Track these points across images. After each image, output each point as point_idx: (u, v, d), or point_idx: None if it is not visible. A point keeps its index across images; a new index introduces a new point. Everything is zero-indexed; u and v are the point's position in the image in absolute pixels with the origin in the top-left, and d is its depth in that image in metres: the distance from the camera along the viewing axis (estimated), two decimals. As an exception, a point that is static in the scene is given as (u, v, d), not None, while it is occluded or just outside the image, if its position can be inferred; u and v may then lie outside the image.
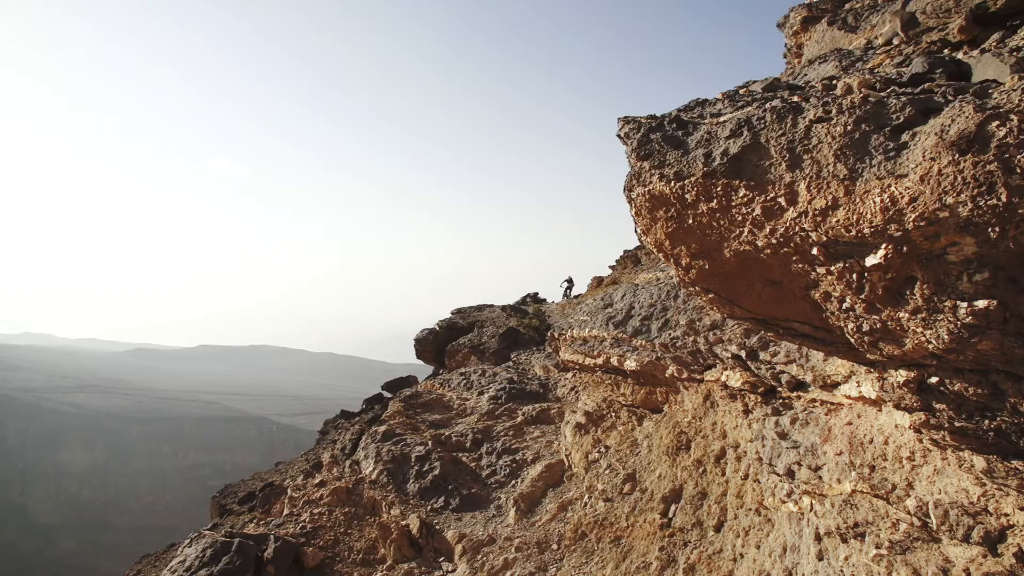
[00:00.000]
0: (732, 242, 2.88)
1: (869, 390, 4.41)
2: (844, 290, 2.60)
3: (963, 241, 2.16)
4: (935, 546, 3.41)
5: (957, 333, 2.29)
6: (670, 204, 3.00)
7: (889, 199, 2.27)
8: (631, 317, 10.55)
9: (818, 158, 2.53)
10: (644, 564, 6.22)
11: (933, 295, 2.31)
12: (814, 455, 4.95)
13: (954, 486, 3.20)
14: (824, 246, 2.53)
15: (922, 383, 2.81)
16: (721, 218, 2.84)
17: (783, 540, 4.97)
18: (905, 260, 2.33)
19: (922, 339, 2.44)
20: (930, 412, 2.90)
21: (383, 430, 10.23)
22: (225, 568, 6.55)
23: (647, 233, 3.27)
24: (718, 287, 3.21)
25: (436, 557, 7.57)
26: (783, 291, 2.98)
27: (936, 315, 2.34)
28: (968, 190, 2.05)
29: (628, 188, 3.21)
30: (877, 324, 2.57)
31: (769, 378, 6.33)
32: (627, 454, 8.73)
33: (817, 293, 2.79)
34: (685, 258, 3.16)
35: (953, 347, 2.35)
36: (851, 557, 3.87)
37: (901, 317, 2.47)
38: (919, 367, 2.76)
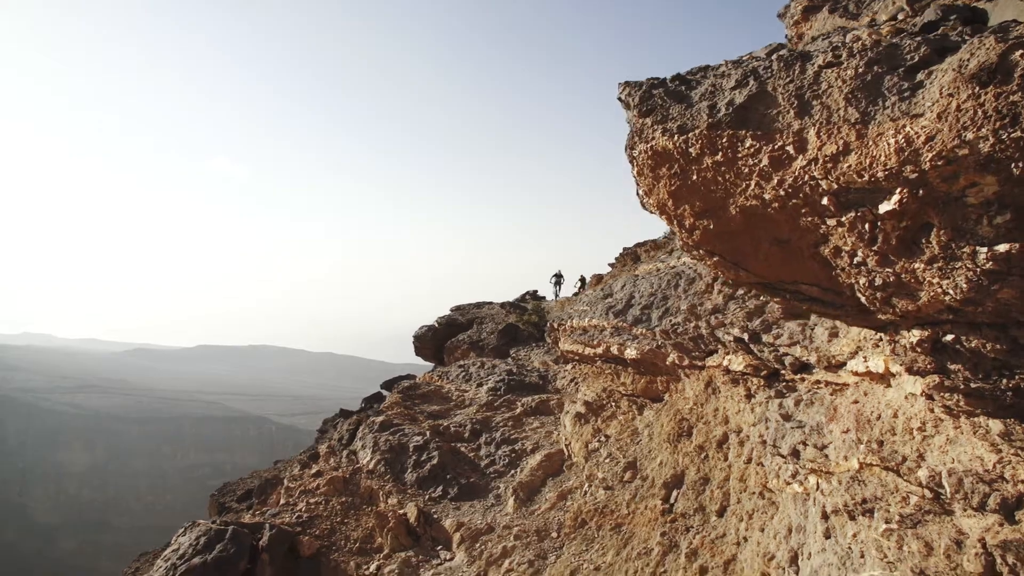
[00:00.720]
0: (738, 197, 2.77)
1: (877, 364, 4.29)
2: (855, 243, 2.48)
3: (983, 181, 2.05)
4: (947, 518, 3.29)
5: (976, 281, 2.18)
6: (673, 160, 2.89)
7: (904, 140, 2.16)
8: (631, 306, 10.44)
9: (828, 103, 2.42)
10: (645, 550, 6.10)
11: (950, 241, 2.20)
12: (819, 434, 4.84)
13: (968, 454, 3.08)
14: (835, 195, 2.41)
15: (936, 343, 2.70)
16: (727, 172, 2.72)
17: (788, 521, 4.85)
18: (921, 205, 2.21)
19: (938, 291, 2.33)
20: (944, 374, 2.78)
21: (380, 420, 10.11)
22: (219, 555, 6.43)
23: (649, 194, 3.15)
24: (723, 249, 3.10)
25: (434, 546, 7.46)
26: (791, 250, 2.86)
27: (953, 263, 2.23)
28: (990, 123, 1.94)
29: (630, 146, 3.10)
30: (890, 277, 2.46)
31: (772, 361, 6.22)
32: (627, 443, 8.61)
33: (827, 249, 2.68)
34: (689, 218, 3.04)
35: (972, 297, 2.23)
36: (859, 534, 3.75)
37: (916, 268, 2.35)
38: (933, 325, 2.64)
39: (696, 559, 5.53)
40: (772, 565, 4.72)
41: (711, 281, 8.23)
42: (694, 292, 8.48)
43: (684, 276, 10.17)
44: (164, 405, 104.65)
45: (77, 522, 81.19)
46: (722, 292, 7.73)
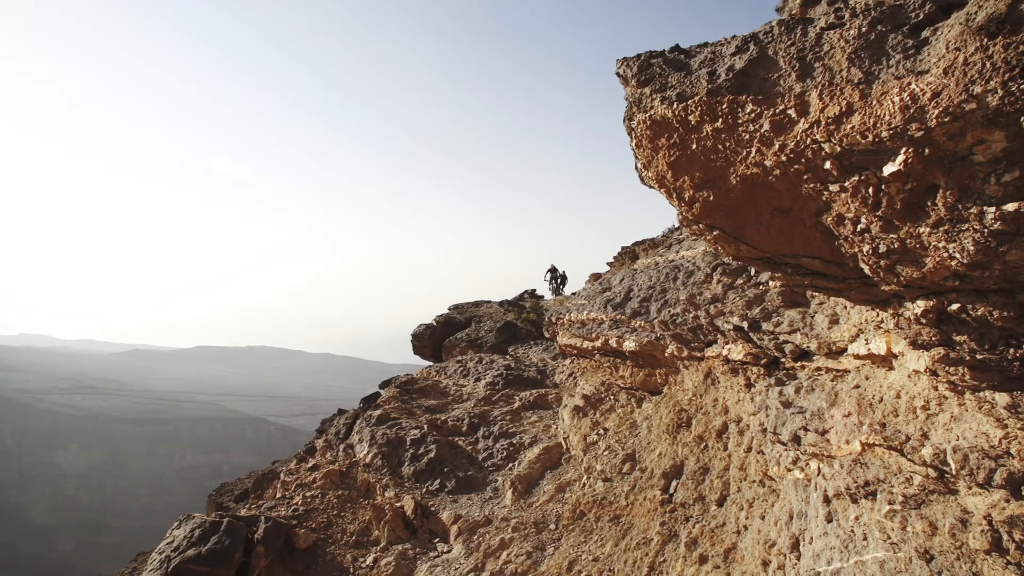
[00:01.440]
0: (738, 166, 2.71)
1: (879, 345, 4.23)
2: (859, 208, 2.43)
3: (991, 137, 1.99)
4: (952, 498, 3.23)
5: (983, 243, 2.12)
6: (672, 129, 2.83)
7: (909, 97, 2.10)
8: (630, 299, 10.38)
9: (830, 64, 2.36)
10: (645, 540, 6.03)
11: (957, 203, 2.14)
12: (821, 419, 4.78)
13: (973, 431, 3.02)
14: (838, 158, 2.35)
15: (941, 313, 2.64)
16: (727, 139, 2.66)
17: (789, 508, 4.79)
18: (926, 165, 2.16)
19: (944, 255, 2.27)
20: (949, 347, 2.72)
21: (378, 414, 10.04)
22: (214, 547, 6.35)
23: (648, 166, 3.09)
24: (723, 221, 3.04)
25: (431, 538, 7.38)
26: (792, 220, 2.80)
27: (960, 225, 2.17)
28: (998, 75, 1.88)
29: (628, 117, 3.04)
30: (895, 244, 2.40)
31: (772, 349, 6.16)
32: (626, 435, 8.55)
33: (829, 217, 2.62)
34: (688, 190, 2.98)
35: (979, 260, 2.18)
36: (862, 516, 3.68)
37: (921, 232, 2.30)
38: (938, 294, 2.59)
39: (696, 548, 5.46)
40: (773, 552, 4.66)
41: (710, 271, 8.17)
42: (693, 283, 8.42)
43: (683, 269, 10.12)
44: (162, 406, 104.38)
45: (74, 523, 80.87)
46: (721, 282, 7.68)
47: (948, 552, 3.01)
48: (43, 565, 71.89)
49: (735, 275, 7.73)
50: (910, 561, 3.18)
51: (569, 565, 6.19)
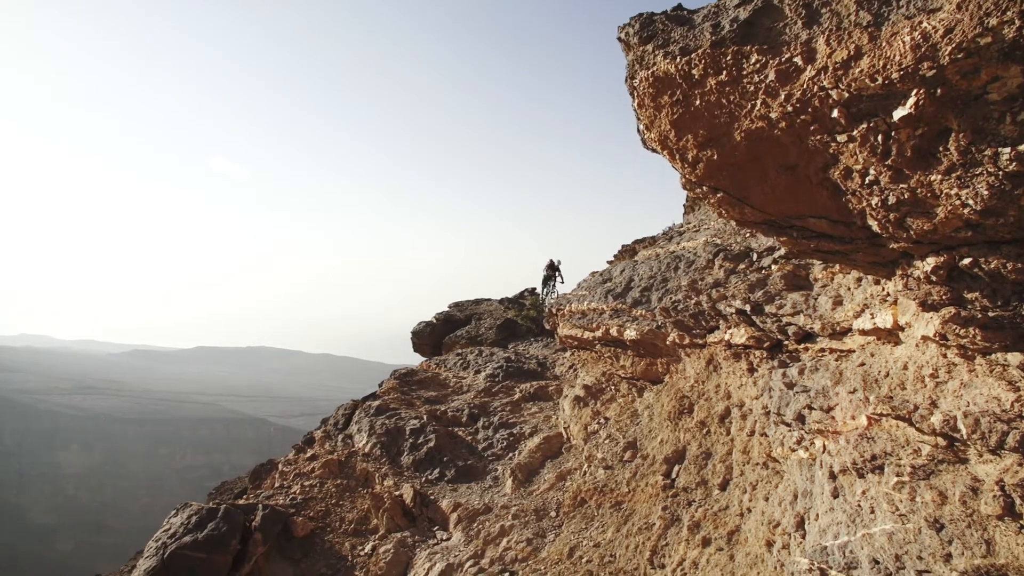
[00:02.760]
0: (743, 120, 2.64)
1: (885, 319, 4.16)
2: (868, 158, 2.35)
3: (1007, 73, 1.92)
4: (962, 467, 3.15)
5: (998, 187, 2.05)
6: (675, 85, 2.76)
7: (921, 36, 2.03)
8: (631, 289, 10.31)
9: (838, 9, 2.29)
10: (646, 525, 5.95)
11: (970, 145, 2.07)
12: (825, 397, 4.70)
13: (984, 396, 2.95)
14: (845, 105, 2.29)
15: (952, 270, 2.57)
16: (731, 92, 2.60)
17: (793, 488, 4.71)
18: (938, 107, 2.09)
19: (956, 204, 2.20)
20: (960, 305, 2.65)
21: (377, 404, 9.97)
22: (210, 534, 6.28)
23: (650, 127, 3.02)
24: (727, 182, 2.97)
25: (430, 526, 7.31)
26: (798, 178, 2.74)
27: (973, 169, 2.10)
28: (1016, 5, 1.81)
29: (630, 76, 2.97)
30: (905, 195, 2.33)
31: (775, 331, 6.09)
32: (627, 424, 8.47)
33: (836, 171, 2.55)
34: (692, 150, 2.92)
35: (993, 206, 2.11)
36: (869, 490, 3.61)
37: (932, 180, 2.23)
38: (949, 249, 2.52)
39: (699, 531, 5.38)
40: (778, 531, 4.58)
41: (711, 257, 8.10)
42: (695, 268, 8.35)
43: (684, 259, 10.05)
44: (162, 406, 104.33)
45: (74, 523, 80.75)
46: (723, 267, 7.60)
47: (959, 520, 2.94)
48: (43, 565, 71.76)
49: (737, 260, 7.66)
50: (919, 532, 3.11)
51: (570, 551, 6.11)
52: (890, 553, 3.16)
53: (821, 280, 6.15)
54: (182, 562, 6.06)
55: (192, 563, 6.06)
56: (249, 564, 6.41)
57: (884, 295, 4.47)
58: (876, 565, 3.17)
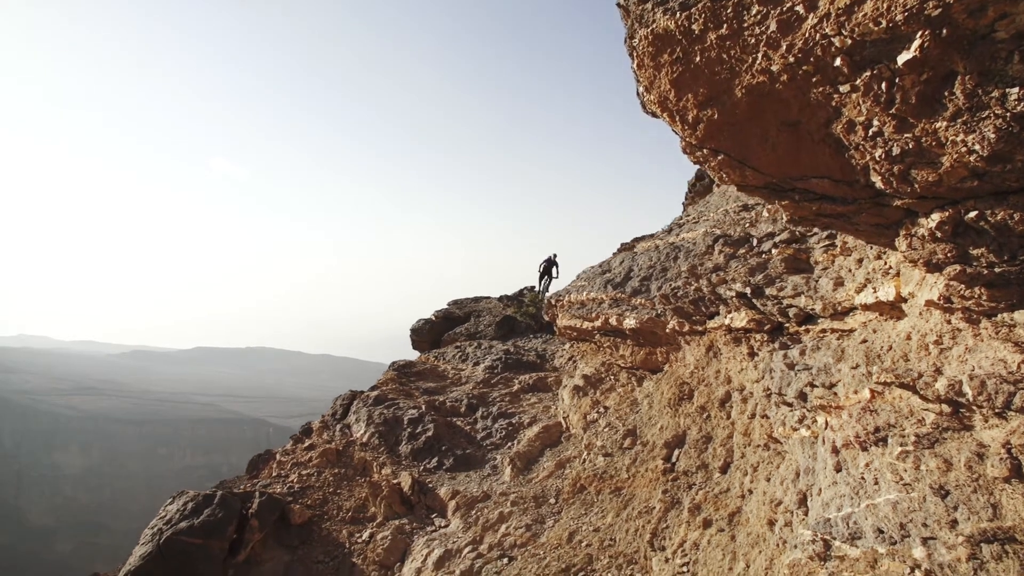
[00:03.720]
0: (744, 76, 2.60)
1: (887, 291, 4.12)
2: (871, 108, 2.31)
3: (1015, 9, 1.87)
4: (967, 434, 3.11)
5: (1005, 129, 2.01)
6: (675, 42, 2.71)
7: (926, -25, 1.99)
8: (630, 278, 10.27)
9: (841, -45, 2.25)
10: (647, 509, 5.89)
11: (976, 88, 2.02)
12: (827, 374, 4.66)
13: (990, 359, 2.90)
14: (848, 53, 2.24)
15: (958, 225, 2.52)
16: (732, 46, 2.55)
17: (795, 466, 4.66)
18: (944, 50, 2.04)
19: (962, 151, 2.15)
20: (965, 263, 2.60)
21: (375, 395, 9.92)
22: (207, 520, 6.23)
23: (650, 89, 2.98)
24: (728, 143, 2.92)
25: (428, 514, 7.25)
26: (800, 135, 2.69)
27: (980, 113, 2.06)
28: (1023, -64, 1.77)
29: (629, 36, 2.93)
30: (909, 144, 2.29)
31: (776, 314, 6.05)
32: (627, 412, 8.42)
33: (839, 125, 2.50)
34: (692, 110, 2.87)
35: (1000, 150, 2.06)
36: (873, 462, 3.56)
37: (937, 128, 2.18)
38: (953, 204, 2.47)
39: (699, 513, 5.33)
40: (780, 510, 4.53)
41: (711, 243, 8.06)
42: (695, 254, 8.31)
43: (683, 249, 10.02)
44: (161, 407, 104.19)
45: (73, 524, 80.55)
46: (723, 252, 7.56)
47: (964, 486, 2.89)
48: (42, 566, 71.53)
49: (737, 245, 7.61)
50: (924, 499, 3.06)
51: (569, 536, 6.06)
52: (894, 522, 3.11)
53: (822, 263, 6.11)
54: (178, 547, 5.99)
55: (188, 549, 6.00)
56: (246, 551, 6.35)
57: (886, 268, 4.42)
58: (880, 534, 3.12)
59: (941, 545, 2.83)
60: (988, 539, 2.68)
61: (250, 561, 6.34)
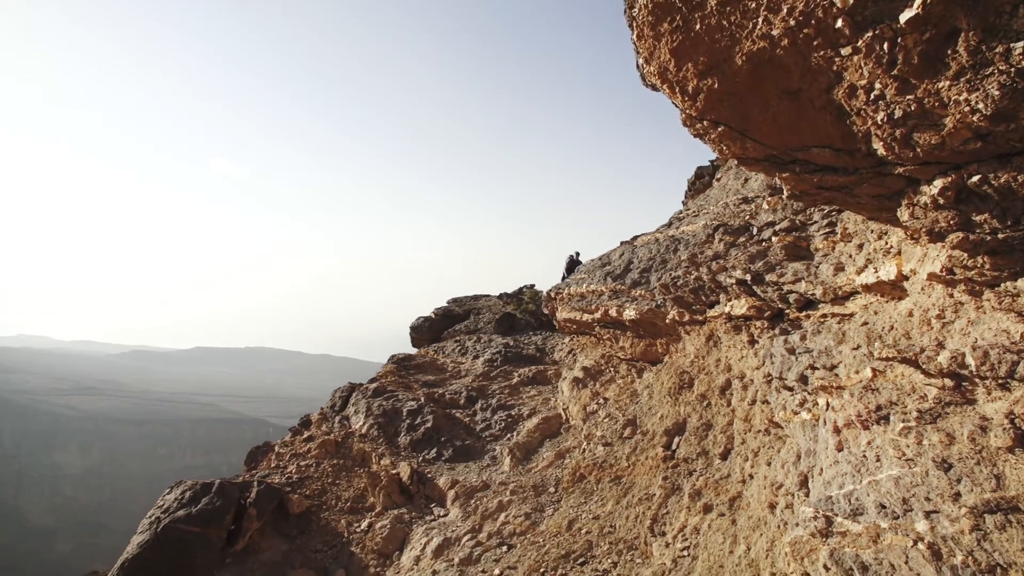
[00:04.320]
0: (744, 42, 2.57)
1: (889, 270, 4.10)
2: (873, 70, 2.28)
3: (1019, -39, 1.85)
4: (970, 408, 3.08)
5: (1009, 85, 1.98)
6: (675, 10, 2.69)
7: (929, -71, 1.96)
8: (630, 271, 10.25)
9: (843, -86, 2.22)
10: (647, 496, 5.86)
11: (980, 44, 2.00)
12: (828, 356, 4.63)
13: (992, 330, 2.87)
14: (849, 13, 2.21)
15: (960, 191, 2.49)
16: (732, 12, 2.52)
17: (796, 449, 4.63)
18: (947, 6, 2.01)
19: (966, 110, 2.13)
20: (968, 230, 2.58)
21: (374, 387, 9.89)
22: (204, 508, 6.20)
23: (650, 59, 2.95)
24: (728, 114, 2.89)
25: (427, 503, 7.22)
26: (801, 103, 2.66)
27: (983, 70, 2.03)
28: None
29: (629, 6, 2.90)
30: (912, 106, 2.26)
31: (776, 300, 6.02)
32: (627, 403, 8.39)
33: (840, 90, 2.48)
34: (692, 80, 2.84)
35: (1004, 108, 2.03)
36: (875, 440, 3.53)
37: (940, 88, 2.15)
38: (956, 169, 2.44)
39: (700, 498, 5.30)
40: (780, 492, 4.50)
41: (711, 232, 8.03)
42: (695, 244, 8.28)
43: (683, 241, 9.99)
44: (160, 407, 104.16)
45: (73, 524, 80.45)
46: (723, 241, 7.53)
47: (967, 458, 2.86)
48: (42, 566, 71.41)
49: (737, 234, 7.59)
50: (926, 474, 3.03)
51: (569, 524, 6.03)
52: (897, 497, 3.08)
53: (823, 249, 6.09)
54: (176, 535, 5.97)
55: (186, 537, 5.97)
56: (244, 539, 6.32)
57: (887, 248, 4.40)
58: (883, 509, 3.09)
59: (944, 518, 2.80)
60: (991, 510, 2.65)
61: (248, 550, 6.31)
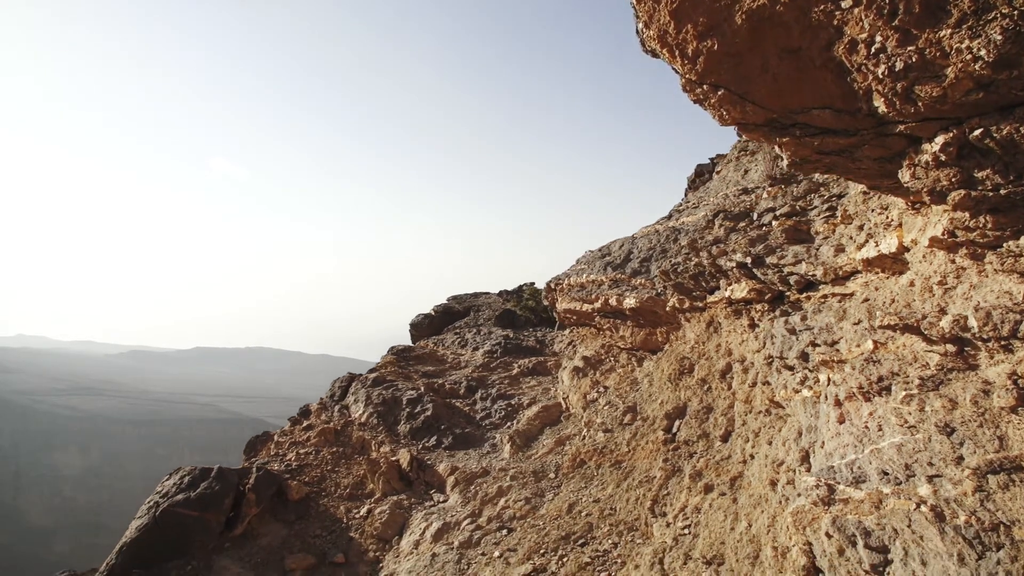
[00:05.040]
0: (744, 0, 2.56)
1: (890, 243, 4.08)
2: (873, 23, 2.27)
3: (1021, -99, 1.84)
4: (972, 373, 3.06)
5: (1012, 29, 1.97)
6: (674, -31, 2.68)
7: None
8: (630, 260, 10.24)
9: None
10: (647, 478, 5.84)
11: (984, -12, 1.99)
12: (829, 332, 4.62)
13: (995, 292, 2.86)
14: (852, -37, 2.21)
15: (962, 147, 2.48)
16: (732, -32, 2.51)
17: (798, 427, 4.62)
18: (950, -50, 2.00)
19: (967, 58, 2.11)
20: (970, 187, 2.56)
21: (373, 376, 9.87)
22: (203, 492, 6.18)
23: (650, 24, 2.93)
24: (728, 76, 2.88)
25: (427, 490, 7.21)
26: (802, 62, 2.65)
27: (986, 15, 2.02)
28: None
29: (627, -32, 2.89)
30: (913, 58, 2.25)
31: (777, 282, 6.01)
32: (627, 391, 8.37)
33: (841, 46, 2.46)
34: (692, 42, 2.83)
35: (1007, 53, 2.02)
36: (876, 411, 3.51)
37: (942, 36, 2.14)
38: (957, 124, 2.43)
39: (701, 479, 5.28)
40: (782, 469, 4.48)
41: (711, 218, 8.02)
42: (695, 230, 8.27)
43: (683, 231, 9.98)
44: (160, 407, 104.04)
45: (72, 525, 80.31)
46: (723, 226, 7.52)
47: (970, 421, 2.85)
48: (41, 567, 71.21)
49: (737, 219, 7.58)
50: (929, 440, 3.01)
51: (569, 507, 6.00)
52: (899, 463, 3.06)
53: (823, 232, 6.08)
54: (174, 520, 5.95)
55: (184, 521, 5.95)
56: (243, 524, 6.30)
57: (888, 222, 4.38)
58: (885, 476, 3.07)
59: (947, 481, 2.78)
60: (994, 470, 2.64)
61: (247, 535, 6.29)
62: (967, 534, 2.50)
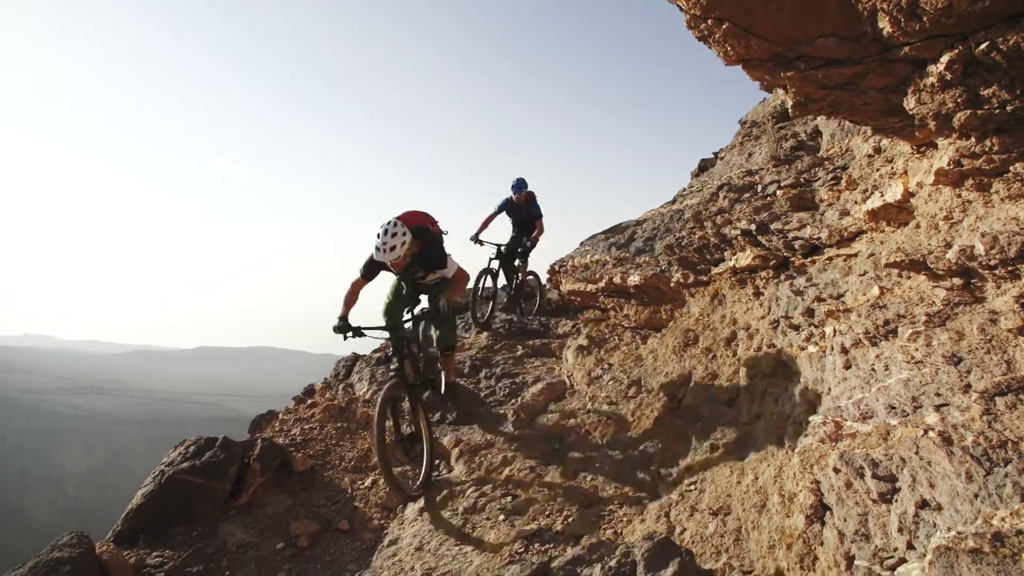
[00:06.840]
0: (750, -79, 2.58)
1: (895, 191, 4.08)
2: (881, -66, 2.28)
3: None
4: (978, 306, 3.06)
5: (1019, -73, 1.97)
6: None
7: None
8: (634, 240, 10.25)
9: None
10: (652, 444, 5.83)
11: None
12: (835, 287, 4.62)
13: (1002, 220, 2.86)
14: None
15: (968, 65, 2.48)
16: None
17: (804, 383, 4.61)
18: None
19: (975, -37, 2.12)
20: (976, 106, 2.56)
21: (378, 356, 9.90)
22: (208, 461, 6.20)
23: (654, -44, 2.95)
24: (733, 9, 2.89)
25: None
26: (807, -13, 2.66)
27: (993, -85, 2.02)
28: None
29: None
30: (920, -32, 2.25)
31: (781, 247, 6.01)
32: (632, 367, 8.37)
33: (847, -35, 2.48)
34: (697, -28, 2.84)
35: (1014, -47, 2.03)
36: (883, 353, 3.51)
37: (949, -58, 2.15)
38: (963, 39, 2.43)
39: (706, 440, 5.28)
40: (788, 423, 4.48)
41: (715, 191, 8.02)
42: (699, 202, 8.27)
43: (687, 211, 9.97)
44: (164, 407, 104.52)
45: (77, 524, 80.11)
46: (727, 197, 7.52)
47: (977, 349, 2.85)
48: (45, 565, 71.35)
49: (741, 191, 7.58)
50: (936, 372, 3.01)
51: (574, 473, 6.00)
52: (906, 397, 3.07)
53: (828, 200, 6.08)
54: (179, 487, 5.97)
55: (189, 488, 5.99)
56: (247, 493, 6.32)
57: (892, 171, 4.38)
58: (892, 410, 3.07)
59: (955, 408, 2.78)
60: (1002, 391, 2.64)
61: (252, 504, 6.31)
62: (975, 452, 2.50)
